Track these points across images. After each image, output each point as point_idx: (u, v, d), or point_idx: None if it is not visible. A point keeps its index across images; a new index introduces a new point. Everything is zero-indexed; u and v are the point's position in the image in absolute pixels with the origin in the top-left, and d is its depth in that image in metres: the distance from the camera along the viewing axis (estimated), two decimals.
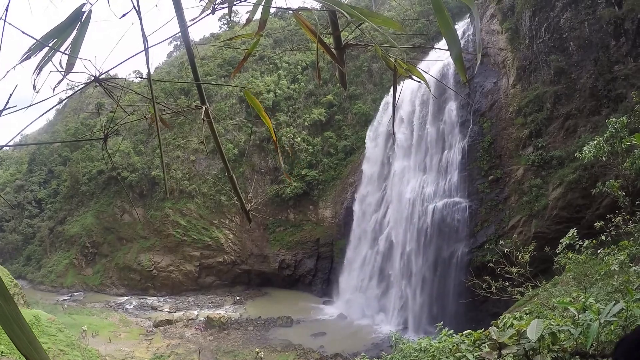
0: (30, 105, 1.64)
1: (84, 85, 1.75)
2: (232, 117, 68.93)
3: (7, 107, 1.52)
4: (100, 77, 1.70)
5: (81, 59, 1.72)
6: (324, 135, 67.40)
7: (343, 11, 1.66)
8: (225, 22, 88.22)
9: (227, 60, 75.45)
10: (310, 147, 66.61)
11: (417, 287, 47.58)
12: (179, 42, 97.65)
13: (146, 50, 1.73)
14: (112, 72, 1.95)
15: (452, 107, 48.97)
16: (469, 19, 50.64)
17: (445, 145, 48.99)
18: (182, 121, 67.45)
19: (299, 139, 66.79)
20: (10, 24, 1.53)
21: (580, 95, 39.17)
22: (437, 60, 47.57)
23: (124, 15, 1.79)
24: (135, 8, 1.73)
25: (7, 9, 1.53)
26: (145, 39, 1.74)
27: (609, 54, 37.24)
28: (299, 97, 70.78)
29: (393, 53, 2.09)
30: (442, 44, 1.85)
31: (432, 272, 46.61)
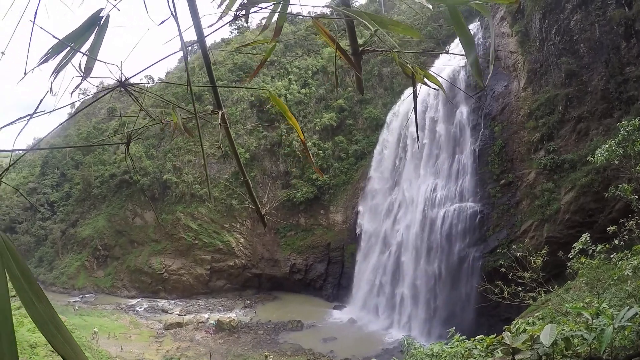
0: (54, 110, 1.68)
1: (109, 90, 1.79)
2: (244, 122, 69.19)
3: (36, 112, 1.56)
4: (125, 82, 1.74)
5: (107, 63, 1.75)
6: (334, 140, 67.42)
7: (365, 21, 1.68)
8: (236, 27, 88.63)
9: (238, 65, 75.80)
10: (321, 151, 66.61)
11: (429, 292, 47.32)
12: (190, 48, 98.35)
13: (185, 57, 1.77)
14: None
15: (462, 111, 48.77)
16: (479, 22, 50.49)
17: (456, 150, 48.76)
18: (194, 125, 67.77)
19: (309, 143, 66.84)
20: (40, 27, 1.58)
21: (591, 97, 38.83)
22: (447, 65, 47.52)
23: (162, 22, 1.82)
24: (172, 14, 1.76)
25: (35, 14, 1.57)
26: (184, 46, 1.77)
27: (620, 56, 36.90)
28: (309, 102, 70.89)
29: (404, 57, 2.11)
30: (454, 48, 1.87)
31: (443, 277, 46.32)
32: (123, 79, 1.74)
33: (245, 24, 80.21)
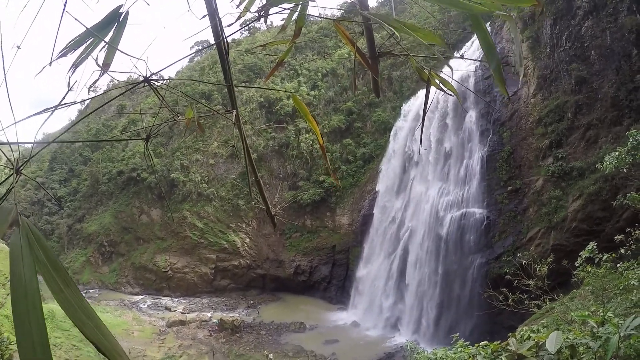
0: (77, 102, 1.71)
1: (135, 85, 1.81)
2: (252, 122, 69.36)
3: (60, 105, 1.59)
4: (149, 78, 1.76)
5: (132, 57, 1.78)
6: (342, 143, 67.40)
7: (391, 27, 1.69)
8: (247, 27, 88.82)
9: (248, 66, 76.08)
10: (329, 153, 66.61)
11: (433, 298, 47.11)
12: (200, 47, 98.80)
13: (225, 54, 1.79)
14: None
15: (471, 116, 48.60)
16: (490, 26, 50.29)
17: (464, 155, 48.56)
18: (202, 124, 68.12)
19: (317, 145, 66.78)
20: (72, 16, 1.60)
21: (601, 105, 38.53)
22: (457, 71, 47.27)
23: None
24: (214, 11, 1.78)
25: (65, 5, 1.60)
26: (224, 38, 1.80)
27: (631, 63, 36.57)
28: (318, 104, 70.91)
29: (415, 60, 2.12)
30: (464, 52, 1.88)
31: (448, 283, 46.08)
32: (147, 74, 1.76)
33: (265, 25, 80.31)
